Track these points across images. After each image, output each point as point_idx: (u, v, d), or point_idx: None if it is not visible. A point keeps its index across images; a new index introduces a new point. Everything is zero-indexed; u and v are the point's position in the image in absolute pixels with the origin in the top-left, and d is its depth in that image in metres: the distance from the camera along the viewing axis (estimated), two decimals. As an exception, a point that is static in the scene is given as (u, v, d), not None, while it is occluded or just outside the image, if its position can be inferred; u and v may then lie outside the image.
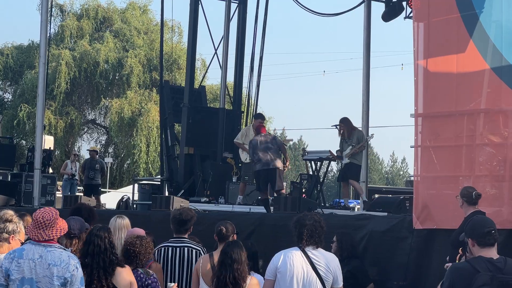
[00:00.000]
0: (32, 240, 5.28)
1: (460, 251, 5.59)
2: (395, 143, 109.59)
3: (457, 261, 5.55)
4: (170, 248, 7.14)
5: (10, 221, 6.15)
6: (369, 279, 8.53)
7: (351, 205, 14.04)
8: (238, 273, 6.09)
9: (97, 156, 18.98)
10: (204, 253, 7.16)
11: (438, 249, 8.48)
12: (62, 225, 5.33)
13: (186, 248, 7.16)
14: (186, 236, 7.29)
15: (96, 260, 5.82)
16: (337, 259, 6.66)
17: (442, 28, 9.00)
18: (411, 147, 9.11)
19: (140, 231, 6.87)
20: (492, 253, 5.13)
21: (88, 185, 18.01)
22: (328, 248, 7.03)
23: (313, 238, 6.45)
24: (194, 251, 7.15)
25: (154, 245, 7.09)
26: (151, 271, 6.48)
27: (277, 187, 12.42)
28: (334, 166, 16.34)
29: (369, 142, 13.71)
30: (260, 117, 13.92)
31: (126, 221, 7.40)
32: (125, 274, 5.91)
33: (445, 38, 8.96)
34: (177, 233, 7.29)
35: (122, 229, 7.19)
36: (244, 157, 13.98)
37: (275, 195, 12.39)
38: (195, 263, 7.03)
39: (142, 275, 6.30)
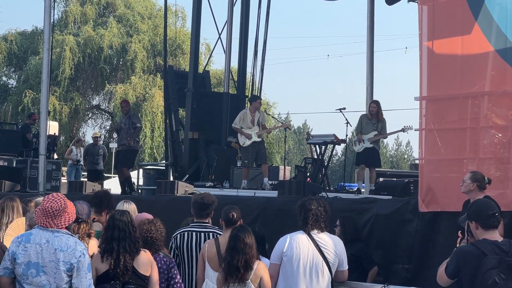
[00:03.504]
0: (40, 226, 5.25)
1: (459, 234, 5.59)
2: (399, 127, 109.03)
3: (458, 245, 5.54)
4: (193, 233, 6.98)
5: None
6: (373, 262, 8.52)
7: (363, 189, 13.82)
8: (248, 258, 6.08)
9: (99, 141, 18.99)
10: None
11: (443, 232, 8.48)
12: (71, 212, 5.26)
13: (210, 234, 6.97)
14: (207, 220, 7.12)
15: (122, 245, 5.82)
16: (342, 242, 6.68)
17: (447, 10, 8.93)
18: (415, 130, 9.10)
19: (148, 216, 6.87)
20: (496, 235, 5.14)
21: (92, 170, 17.92)
22: (331, 232, 7.03)
23: (318, 223, 6.45)
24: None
25: None
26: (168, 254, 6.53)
27: None
28: (338, 150, 16.26)
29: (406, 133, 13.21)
30: (259, 98, 14.56)
31: (132, 206, 7.46)
32: (144, 257, 5.95)
33: (450, 20, 8.90)
34: (199, 218, 7.10)
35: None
36: (242, 141, 13.85)
37: None
38: None
39: (165, 259, 6.32)
